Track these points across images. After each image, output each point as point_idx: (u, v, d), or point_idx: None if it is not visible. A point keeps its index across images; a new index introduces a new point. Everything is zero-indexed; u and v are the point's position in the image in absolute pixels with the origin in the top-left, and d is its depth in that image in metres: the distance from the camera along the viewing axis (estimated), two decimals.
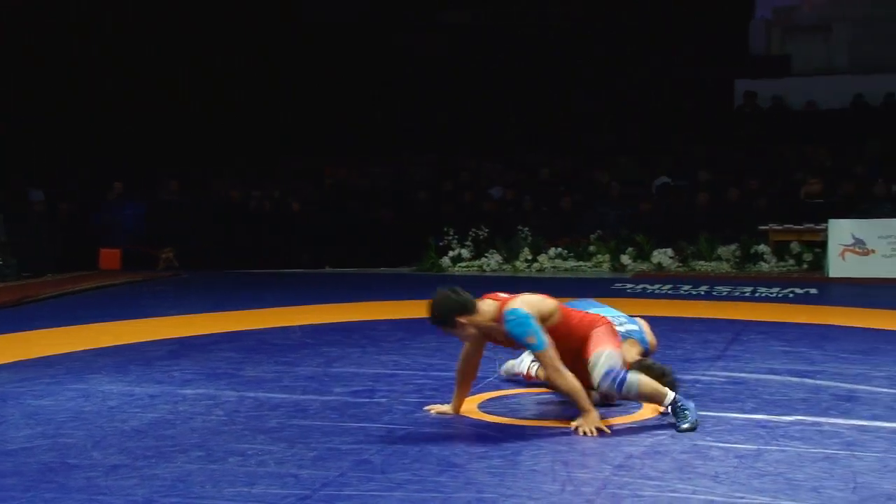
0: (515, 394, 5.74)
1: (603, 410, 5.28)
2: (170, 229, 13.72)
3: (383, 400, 5.61)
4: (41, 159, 14.87)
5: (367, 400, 5.61)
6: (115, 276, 12.35)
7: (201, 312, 9.37)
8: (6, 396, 5.83)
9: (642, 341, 5.64)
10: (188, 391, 5.86)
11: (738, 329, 7.98)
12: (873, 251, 12.08)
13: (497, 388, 5.90)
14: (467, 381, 5.22)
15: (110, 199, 14.01)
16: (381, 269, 13.53)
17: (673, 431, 4.82)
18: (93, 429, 5.03)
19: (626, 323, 5.69)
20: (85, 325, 8.66)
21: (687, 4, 17.17)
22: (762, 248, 12.87)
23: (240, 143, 16.75)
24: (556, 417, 5.15)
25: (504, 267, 13.17)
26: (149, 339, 7.82)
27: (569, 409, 5.31)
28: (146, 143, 15.97)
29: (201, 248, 13.67)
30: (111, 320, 8.97)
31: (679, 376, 6.11)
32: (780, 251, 12.87)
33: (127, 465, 4.38)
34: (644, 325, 5.79)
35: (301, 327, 8.24)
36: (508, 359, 5.93)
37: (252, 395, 5.72)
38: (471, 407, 5.38)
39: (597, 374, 4.84)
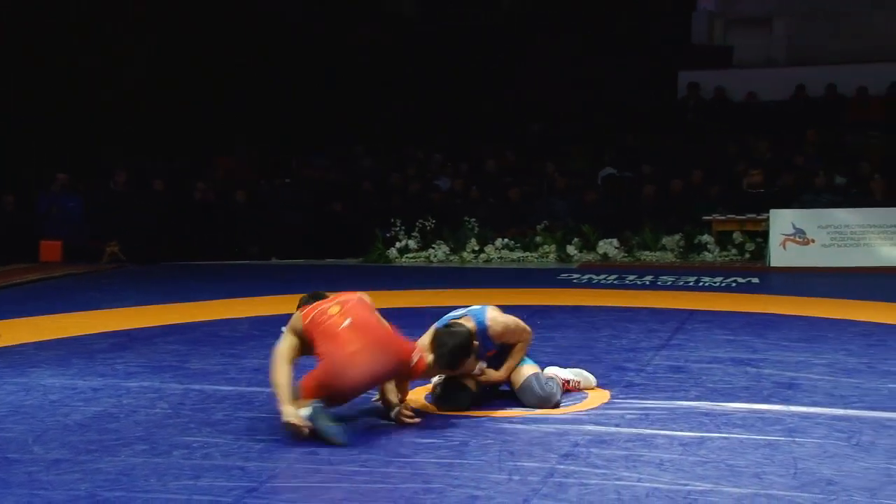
0: None
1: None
2: (115, 222, 13.53)
3: None
4: None
5: None
6: (57, 269, 12.16)
7: (146, 305, 9.27)
8: None
9: (478, 320, 5.20)
10: (132, 384, 5.80)
11: (683, 318, 8.08)
12: (813, 241, 12.30)
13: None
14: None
15: (53, 191, 13.77)
16: (328, 260, 13.48)
17: (619, 420, 4.87)
18: (34, 423, 4.95)
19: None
20: (26, 318, 8.52)
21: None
22: (706, 238, 13.04)
23: (188, 134, 16.56)
24: (504, 408, 5.18)
25: (451, 258, 13.19)
26: (92, 332, 7.71)
27: (515, 399, 5.35)
28: (92, 134, 15.73)
29: (147, 241, 13.50)
30: (53, 313, 8.83)
31: (624, 365, 6.20)
32: (723, 241, 13.05)
33: (69, 460, 4.33)
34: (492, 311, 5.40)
35: (248, 319, 8.19)
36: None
37: (198, 387, 5.68)
38: (418, 398, 5.39)
39: None
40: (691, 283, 10.69)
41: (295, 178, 15.23)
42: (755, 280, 11.04)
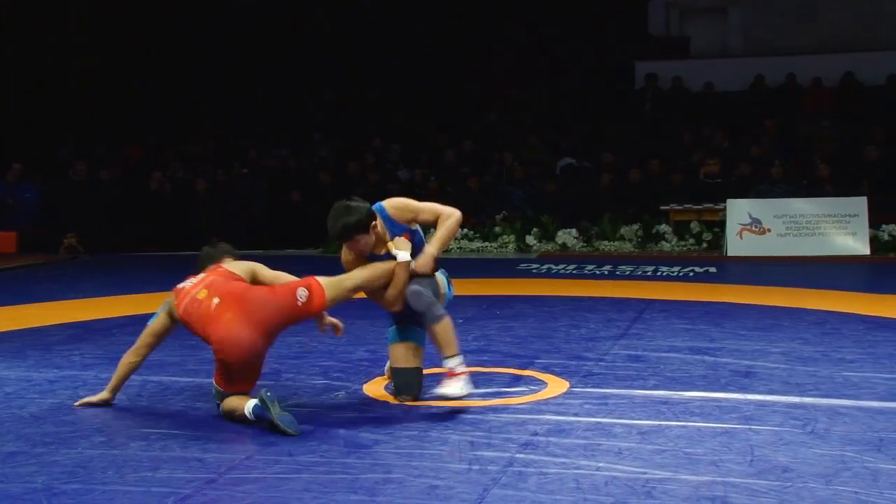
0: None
1: (508, 390, 5.35)
2: (72, 212, 13.35)
3: (289, 382, 5.58)
4: None
5: (273, 382, 5.57)
6: (12, 260, 11.99)
7: (103, 296, 9.17)
8: None
9: (378, 208, 5.08)
10: (89, 375, 5.74)
11: (641, 308, 8.15)
12: (769, 230, 12.45)
13: None
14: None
15: (7, 181, 13.57)
16: (288, 251, 13.41)
17: (578, 410, 4.90)
18: None
19: None
20: None
21: None
22: (663, 227, 13.14)
23: (146, 123, 16.39)
24: (464, 397, 5.18)
25: None
26: (48, 324, 7.62)
27: (474, 390, 5.36)
28: (48, 124, 15.53)
29: (104, 232, 13.35)
30: (8, 304, 8.71)
31: (583, 355, 6.24)
32: (681, 231, 13.16)
33: (25, 452, 4.28)
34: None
35: None
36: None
37: (155, 379, 5.63)
38: (377, 388, 5.39)
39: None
40: (649, 273, 10.78)
41: (253, 168, 15.13)
42: (712, 269, 11.16)
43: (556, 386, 5.42)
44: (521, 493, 3.70)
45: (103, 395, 5.02)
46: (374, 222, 4.87)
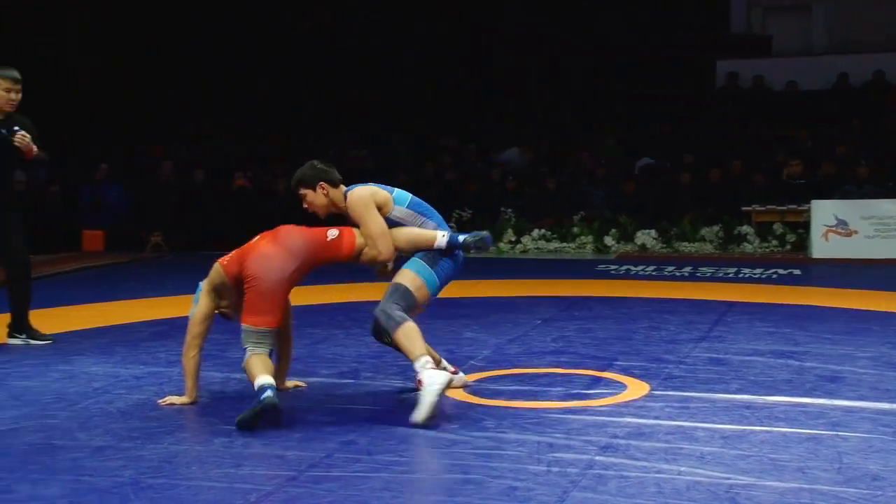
0: (500, 375, 5.76)
1: (587, 392, 5.31)
2: (158, 211, 13.63)
3: (368, 381, 5.61)
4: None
5: (352, 381, 5.62)
6: (100, 258, 12.29)
7: (187, 294, 9.32)
8: None
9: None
10: (174, 372, 5.85)
11: (723, 310, 8.02)
12: (856, 232, 12.15)
13: (481, 369, 5.91)
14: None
15: (96, 181, 13.90)
16: None
17: (658, 413, 4.84)
18: (78, 410, 5.02)
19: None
20: (70, 307, 8.61)
21: None
22: (745, 228, 12.92)
23: (227, 123, 16.67)
24: (543, 399, 5.16)
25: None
26: (134, 321, 7.79)
27: (553, 391, 5.33)
28: (137, 124, 15.90)
29: (188, 230, 13.60)
30: (96, 301, 8.93)
31: (663, 357, 6.16)
32: (763, 232, 12.92)
33: (112, 447, 4.38)
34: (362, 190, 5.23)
35: None
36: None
37: (238, 376, 5.70)
38: (456, 388, 5.39)
39: None
40: (731, 275, 10.61)
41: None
42: (797, 271, 10.93)
43: (635, 388, 5.36)
44: (601, 497, 3.66)
45: (185, 398, 5.10)
46: (321, 182, 5.07)
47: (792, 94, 16.53)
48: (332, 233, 5.00)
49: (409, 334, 4.83)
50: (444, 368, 5.16)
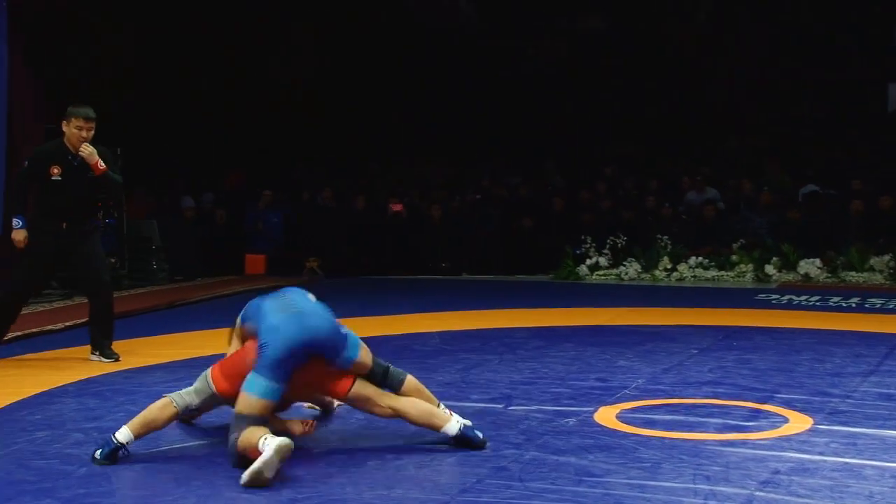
0: (654, 405, 5.64)
1: (746, 424, 5.14)
2: (314, 237, 14.00)
3: (520, 408, 5.59)
4: (195, 167, 15.46)
5: (505, 407, 5.60)
6: (261, 281, 12.69)
7: (340, 318, 9.53)
8: (160, 395, 6.04)
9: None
10: None
11: (894, 343, 7.63)
12: None
13: (635, 398, 5.80)
14: None
15: (260, 207, 14.40)
16: (519, 276, 13.51)
17: (823, 448, 4.64)
18: None
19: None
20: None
21: (836, 5, 16.56)
22: None
23: (381, 151, 17.02)
24: (699, 430, 5.03)
25: (643, 276, 12.98)
26: None
27: (710, 422, 5.19)
28: (294, 151, 16.42)
29: (343, 255, 13.92)
30: None
31: (828, 390, 5.90)
32: None
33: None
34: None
35: (439, 334, 8.30)
36: None
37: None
38: (608, 416, 5.32)
39: None
40: None
41: (485, 194, 15.36)
42: None
43: (798, 422, 5.16)
44: None
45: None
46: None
47: None
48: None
49: (245, 440, 4.33)
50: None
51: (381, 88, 17.66)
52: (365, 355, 4.80)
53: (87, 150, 6.96)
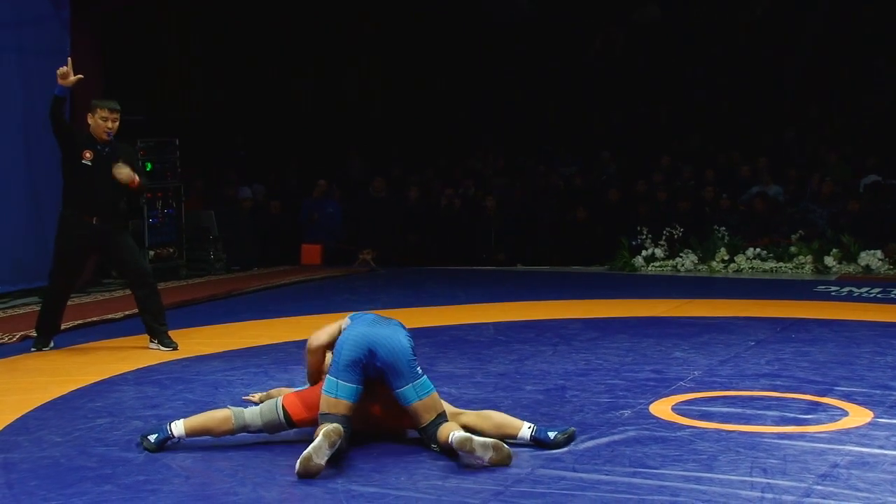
0: (710, 397, 5.59)
1: (805, 417, 5.08)
2: (370, 227, 14.05)
3: (574, 399, 5.58)
4: (251, 158, 15.63)
5: (559, 398, 5.59)
6: (316, 272, 12.77)
7: (397, 308, 9.58)
8: (218, 384, 6.15)
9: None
10: None
11: None
12: None
13: (690, 390, 5.76)
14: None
15: (315, 197, 14.48)
16: (574, 267, 13.44)
17: (884, 442, 4.56)
18: None
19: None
20: (289, 318, 9.00)
21: None
22: None
23: (434, 141, 17.04)
24: (756, 423, 4.98)
25: (699, 267, 12.84)
26: None
27: (767, 415, 5.13)
28: (350, 140, 16.54)
29: (398, 246, 13.95)
30: (313, 313, 9.28)
31: (890, 384, 5.80)
32: None
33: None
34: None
35: (494, 324, 8.30)
36: None
37: (445, 390, 5.78)
38: (664, 408, 5.28)
39: None
40: None
41: (541, 185, 15.30)
42: None
43: (858, 415, 5.08)
44: None
45: None
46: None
47: None
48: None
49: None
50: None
51: (437, 79, 17.69)
52: (425, 410, 4.55)
53: (124, 173, 6.98)
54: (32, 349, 7.34)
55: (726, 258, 12.77)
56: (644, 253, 13.10)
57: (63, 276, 7.34)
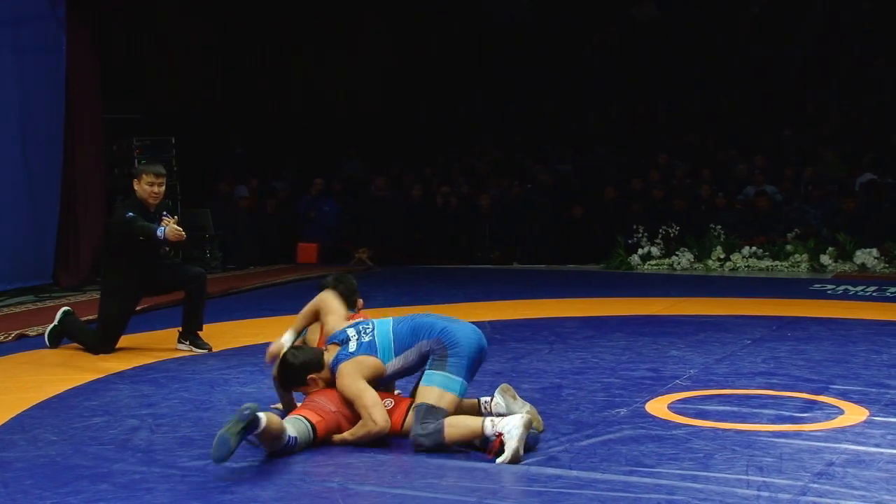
0: (706, 395, 5.59)
1: (800, 415, 5.08)
2: (370, 227, 14.04)
3: (570, 398, 5.58)
4: (248, 157, 15.62)
5: (555, 397, 5.60)
6: (313, 270, 12.77)
7: (392, 306, 9.58)
8: (214, 383, 6.15)
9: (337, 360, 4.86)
10: None
11: None
12: None
13: (686, 389, 5.76)
14: None
15: (311, 195, 14.48)
16: (570, 266, 13.45)
17: (879, 440, 4.57)
18: None
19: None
20: (286, 316, 8.98)
21: None
22: None
23: (429, 139, 17.04)
24: (752, 421, 4.98)
25: (695, 266, 12.85)
26: None
27: (763, 413, 5.14)
28: (343, 141, 16.52)
29: (394, 245, 13.94)
30: None
31: (885, 382, 5.81)
32: None
33: (324, 453, 4.53)
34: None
35: (490, 323, 8.30)
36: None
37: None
38: (660, 407, 5.29)
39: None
40: None
41: (536, 183, 15.30)
42: None
43: (853, 413, 5.09)
44: None
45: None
46: (310, 376, 4.88)
47: None
48: (387, 402, 4.76)
49: (456, 427, 4.51)
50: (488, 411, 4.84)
51: (435, 78, 17.70)
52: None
53: (176, 233, 6.85)
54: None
55: (722, 257, 12.79)
56: (640, 251, 13.11)
57: (113, 316, 7.19)
